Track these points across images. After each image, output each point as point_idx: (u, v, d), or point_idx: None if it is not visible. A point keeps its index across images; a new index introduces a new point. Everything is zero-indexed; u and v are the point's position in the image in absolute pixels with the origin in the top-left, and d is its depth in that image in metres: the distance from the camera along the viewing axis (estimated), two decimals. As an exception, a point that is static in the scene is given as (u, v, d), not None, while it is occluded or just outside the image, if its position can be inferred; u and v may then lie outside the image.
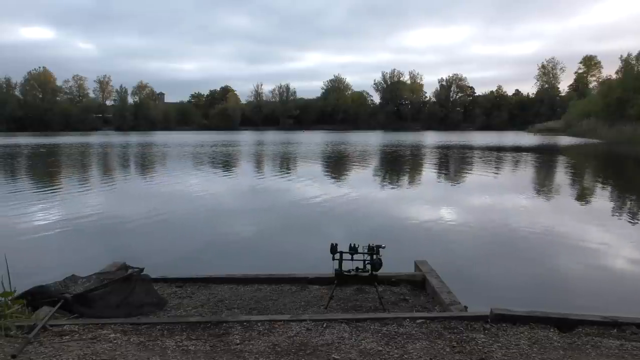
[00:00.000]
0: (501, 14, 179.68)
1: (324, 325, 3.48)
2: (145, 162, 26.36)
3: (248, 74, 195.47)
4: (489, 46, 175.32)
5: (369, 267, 4.30)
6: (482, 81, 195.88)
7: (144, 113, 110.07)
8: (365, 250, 4.32)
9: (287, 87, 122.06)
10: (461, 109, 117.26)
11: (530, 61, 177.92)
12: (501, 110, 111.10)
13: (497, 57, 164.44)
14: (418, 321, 3.56)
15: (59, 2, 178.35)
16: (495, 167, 21.72)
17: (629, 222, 9.81)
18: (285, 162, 25.84)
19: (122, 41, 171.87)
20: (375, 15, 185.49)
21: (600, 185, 16.30)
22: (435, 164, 24.72)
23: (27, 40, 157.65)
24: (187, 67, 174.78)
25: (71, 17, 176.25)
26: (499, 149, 35.75)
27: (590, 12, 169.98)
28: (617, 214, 10.86)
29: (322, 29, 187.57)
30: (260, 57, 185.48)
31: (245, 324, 3.53)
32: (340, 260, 4.33)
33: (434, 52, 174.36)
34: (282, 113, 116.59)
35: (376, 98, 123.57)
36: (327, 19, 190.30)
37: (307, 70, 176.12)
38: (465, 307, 4.05)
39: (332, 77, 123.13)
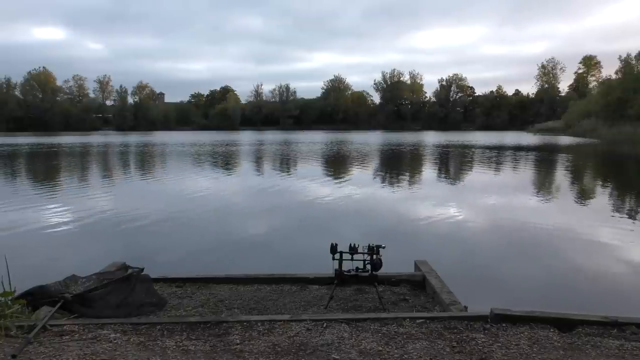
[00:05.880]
0: (514, 14, 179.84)
1: (324, 325, 3.48)
2: (147, 162, 26.36)
3: (257, 74, 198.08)
4: (499, 46, 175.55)
5: (369, 267, 4.30)
6: (485, 81, 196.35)
7: (143, 113, 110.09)
8: (365, 250, 4.31)
9: (287, 87, 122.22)
10: (461, 109, 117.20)
11: (538, 61, 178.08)
12: (501, 110, 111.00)
13: (506, 57, 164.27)
14: (418, 321, 3.56)
15: (77, 2, 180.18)
16: (496, 167, 21.73)
17: (629, 221, 9.80)
18: (286, 162, 25.85)
19: (133, 42, 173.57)
20: (389, 15, 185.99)
21: (600, 185, 16.31)
22: (436, 164, 24.73)
23: (38, 41, 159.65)
24: (195, 67, 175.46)
25: (86, 17, 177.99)
26: (499, 148, 35.74)
27: (603, 13, 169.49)
28: (617, 214, 10.85)
29: (334, 30, 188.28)
30: (269, 58, 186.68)
31: (245, 324, 3.53)
32: (340, 260, 4.33)
33: (444, 52, 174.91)
34: (282, 113, 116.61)
35: (376, 98, 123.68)
36: (341, 20, 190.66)
37: (315, 71, 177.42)
38: (465, 307, 4.04)
39: (332, 77, 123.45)
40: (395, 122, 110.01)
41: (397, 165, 24.94)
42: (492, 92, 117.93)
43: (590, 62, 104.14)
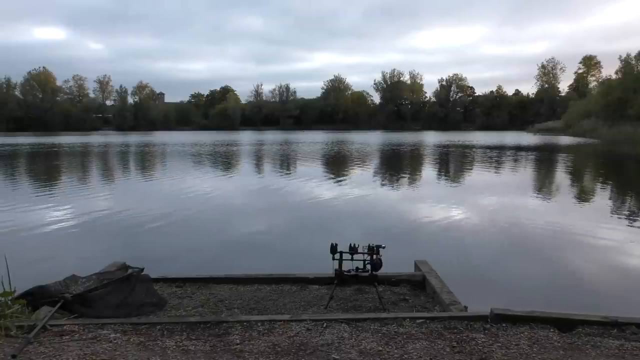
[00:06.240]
0: (514, 14, 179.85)
1: (324, 325, 3.48)
2: (147, 162, 26.35)
3: (257, 74, 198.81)
4: (499, 46, 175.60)
5: (369, 267, 4.30)
6: (485, 81, 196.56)
7: (143, 113, 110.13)
8: (365, 250, 4.32)
9: (287, 87, 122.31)
10: (461, 109, 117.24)
11: (538, 61, 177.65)
12: (501, 110, 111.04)
13: (506, 57, 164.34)
14: (418, 321, 3.56)
15: (77, 2, 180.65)
16: (496, 167, 21.72)
17: (629, 221, 9.80)
18: (286, 162, 25.84)
19: (133, 42, 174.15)
20: (389, 15, 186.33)
21: (600, 185, 16.30)
22: (437, 164, 24.73)
23: (38, 41, 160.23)
24: (195, 67, 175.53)
25: (87, 17, 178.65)
26: (500, 148, 35.72)
27: (603, 13, 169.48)
28: (617, 213, 10.85)
29: (334, 30, 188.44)
30: (270, 58, 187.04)
31: (245, 324, 3.53)
32: (340, 260, 4.33)
33: (444, 52, 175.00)
34: (282, 113, 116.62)
35: (376, 98, 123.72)
36: (341, 20, 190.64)
37: (315, 71, 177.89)
38: (465, 307, 4.04)
39: (332, 77, 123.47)
40: (395, 122, 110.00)
41: (397, 165, 24.93)
42: (492, 92, 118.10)
43: (590, 62, 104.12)
